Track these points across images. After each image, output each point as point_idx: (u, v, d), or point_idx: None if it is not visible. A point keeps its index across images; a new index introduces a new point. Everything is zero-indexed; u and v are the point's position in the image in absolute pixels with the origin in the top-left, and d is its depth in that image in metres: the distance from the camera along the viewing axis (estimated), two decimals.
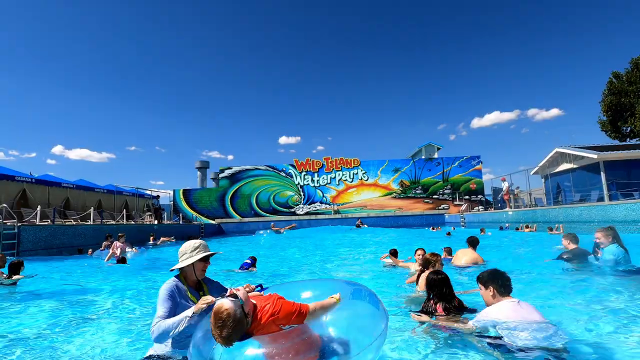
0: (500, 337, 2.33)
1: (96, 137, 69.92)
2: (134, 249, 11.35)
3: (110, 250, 9.93)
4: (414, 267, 5.59)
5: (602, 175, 17.18)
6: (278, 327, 1.82)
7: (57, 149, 60.59)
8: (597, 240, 5.09)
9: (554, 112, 54.19)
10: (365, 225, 21.09)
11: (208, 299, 2.05)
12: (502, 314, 2.40)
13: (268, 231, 17.28)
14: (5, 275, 5.76)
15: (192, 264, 2.34)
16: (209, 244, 2.59)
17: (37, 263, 8.98)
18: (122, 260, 8.92)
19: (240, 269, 7.51)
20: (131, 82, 69.74)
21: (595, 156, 17.42)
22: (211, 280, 2.61)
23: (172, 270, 2.39)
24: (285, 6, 70.98)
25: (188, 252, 2.36)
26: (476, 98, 64.91)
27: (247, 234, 21.91)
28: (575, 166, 19.19)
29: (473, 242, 6.27)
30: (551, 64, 61.05)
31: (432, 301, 3.13)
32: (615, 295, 3.85)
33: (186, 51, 72.40)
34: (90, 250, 11.63)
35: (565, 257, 5.46)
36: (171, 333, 2.03)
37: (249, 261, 7.83)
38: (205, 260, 2.41)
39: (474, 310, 3.04)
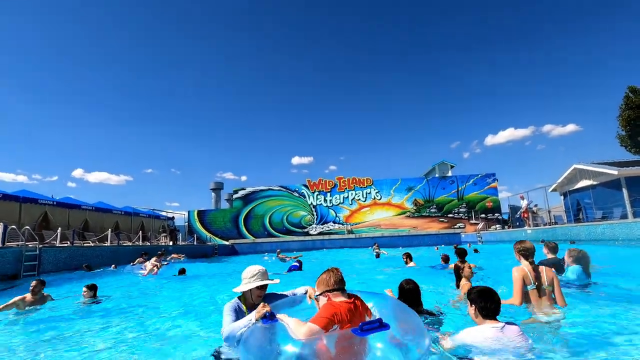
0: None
1: (114, 160, 72.33)
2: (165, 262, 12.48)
3: (148, 268, 10.49)
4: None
5: (624, 191, 16.64)
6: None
7: (78, 172, 62.91)
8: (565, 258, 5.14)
9: (571, 127, 53.46)
10: (385, 252, 15.85)
11: (267, 307, 2.27)
12: (480, 340, 2.28)
13: (274, 258, 17.12)
14: (90, 295, 6.16)
15: (250, 289, 2.60)
16: (220, 265, 2.73)
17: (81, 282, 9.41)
18: (182, 271, 9.64)
19: (288, 271, 8.40)
20: (146, 107, 72.45)
21: (615, 172, 16.94)
22: (272, 297, 2.75)
23: (234, 291, 2.66)
24: (296, 30, 73.46)
25: (247, 278, 2.62)
26: (490, 115, 64.70)
27: (260, 254, 21.90)
28: (595, 183, 18.66)
29: (461, 253, 6.38)
30: (566, 79, 60.63)
31: None
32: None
33: (199, 76, 75.18)
34: (113, 265, 12.22)
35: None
36: (237, 334, 2.29)
37: (297, 264, 8.88)
38: (261, 287, 2.62)
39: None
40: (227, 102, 76.60)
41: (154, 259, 10.97)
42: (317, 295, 2.30)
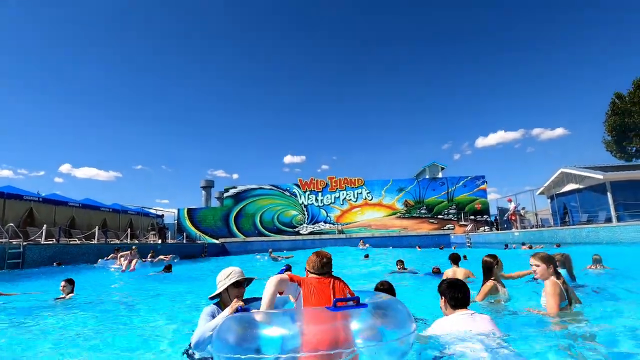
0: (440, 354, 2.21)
1: (103, 155, 71.16)
2: (141, 259, 12.21)
3: (118, 261, 10.30)
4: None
5: (609, 195, 17.02)
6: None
7: (65, 168, 61.61)
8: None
9: (559, 131, 54.33)
10: (368, 245, 19.50)
11: (239, 302, 2.21)
12: (451, 327, 2.29)
13: (266, 257, 17.09)
14: (69, 289, 5.81)
15: (227, 290, 2.42)
16: (211, 264, 2.68)
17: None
18: (167, 268, 9.79)
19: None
20: (138, 102, 71.44)
21: (601, 177, 17.31)
22: (251, 301, 2.60)
23: (210, 298, 2.50)
24: (289, 27, 73.25)
25: (222, 280, 2.46)
26: (481, 117, 65.37)
27: (251, 254, 21.78)
28: (581, 186, 19.05)
29: (456, 259, 6.39)
30: (556, 83, 61.63)
31: None
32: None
33: (192, 72, 74.41)
34: (99, 260, 12.15)
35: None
36: (207, 336, 2.11)
37: (284, 268, 8.35)
38: (238, 286, 2.46)
39: None
40: (220, 98, 76.04)
41: (127, 252, 10.84)
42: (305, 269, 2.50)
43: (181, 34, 71.73)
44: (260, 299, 2.59)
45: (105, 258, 12.19)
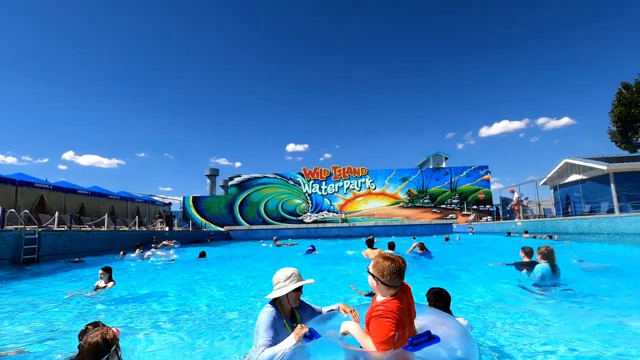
0: None
1: (106, 143, 71.37)
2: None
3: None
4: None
5: (612, 186, 17.14)
6: None
7: (68, 155, 61.96)
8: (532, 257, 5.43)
9: (565, 120, 53.96)
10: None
11: (305, 328, 2.05)
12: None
13: (271, 245, 17.51)
14: (106, 277, 6.03)
15: (287, 293, 2.38)
16: (217, 249, 2.79)
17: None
18: (202, 254, 11.50)
19: (307, 252, 11.05)
20: (140, 90, 71.26)
21: (604, 167, 17.40)
22: (304, 306, 2.60)
23: (267, 298, 2.44)
24: (293, 15, 72.31)
25: (282, 282, 2.40)
26: (485, 107, 64.91)
27: (255, 241, 22.12)
28: (584, 177, 19.15)
29: (371, 242, 8.68)
30: (562, 72, 60.88)
31: None
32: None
33: (195, 60, 73.92)
34: (122, 252, 12.21)
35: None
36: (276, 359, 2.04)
37: (311, 248, 11.66)
38: (298, 289, 2.42)
39: None
40: (222, 86, 75.70)
41: (160, 246, 11.62)
42: (371, 274, 2.00)
43: (181, 23, 71.03)
44: (313, 308, 2.62)
45: (132, 254, 12.02)
